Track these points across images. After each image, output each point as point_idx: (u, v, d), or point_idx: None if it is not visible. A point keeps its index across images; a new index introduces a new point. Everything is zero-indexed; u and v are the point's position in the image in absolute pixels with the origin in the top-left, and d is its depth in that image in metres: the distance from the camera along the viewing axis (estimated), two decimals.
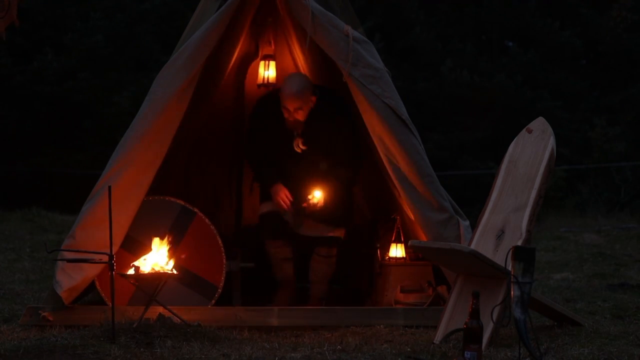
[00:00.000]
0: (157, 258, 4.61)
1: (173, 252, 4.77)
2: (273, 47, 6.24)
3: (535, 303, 4.52)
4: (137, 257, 4.66)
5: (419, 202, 4.84)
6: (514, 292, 3.75)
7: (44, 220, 11.37)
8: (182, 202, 5.05)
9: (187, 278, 4.88)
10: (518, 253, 3.77)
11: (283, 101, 5.29)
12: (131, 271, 4.42)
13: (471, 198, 14.38)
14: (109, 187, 4.22)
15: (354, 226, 5.72)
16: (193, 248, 4.94)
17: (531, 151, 4.42)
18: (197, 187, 6.54)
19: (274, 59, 6.27)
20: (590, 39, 20.47)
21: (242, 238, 6.61)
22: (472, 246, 4.30)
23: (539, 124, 4.51)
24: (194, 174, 6.52)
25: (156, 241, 4.69)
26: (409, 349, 3.94)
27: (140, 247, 4.83)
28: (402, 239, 5.31)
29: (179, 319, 4.37)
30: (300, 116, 5.29)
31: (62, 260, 4.59)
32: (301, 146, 5.39)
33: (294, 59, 6.26)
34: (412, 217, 4.97)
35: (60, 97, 16.50)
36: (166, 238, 4.76)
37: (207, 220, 5.05)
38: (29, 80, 16.26)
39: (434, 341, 4.15)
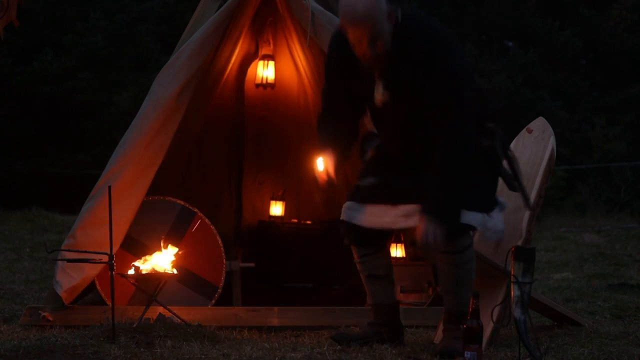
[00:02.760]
0: (159, 259, 4.61)
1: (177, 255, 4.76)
2: (272, 46, 6.23)
3: (535, 303, 4.52)
4: (137, 257, 4.66)
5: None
6: (514, 292, 3.74)
7: (44, 220, 11.37)
8: (182, 202, 5.05)
9: (188, 278, 4.88)
10: (518, 253, 3.77)
11: (343, 28, 3.69)
12: (131, 271, 4.42)
13: None
14: (109, 187, 4.21)
15: None
16: (193, 248, 4.93)
17: (531, 151, 4.41)
18: (197, 187, 6.54)
19: (273, 59, 6.27)
20: (590, 39, 20.48)
21: (242, 238, 6.62)
22: None
23: (539, 124, 4.50)
24: (194, 173, 6.52)
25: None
26: (409, 349, 3.94)
27: (140, 247, 4.83)
28: (402, 239, 5.30)
29: (179, 319, 4.37)
30: (381, 46, 3.61)
31: (62, 260, 4.59)
32: (382, 92, 3.75)
33: (293, 59, 6.26)
34: None
35: (60, 97, 16.50)
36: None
37: (207, 220, 5.05)
38: (29, 80, 16.27)
39: (434, 341, 4.15)
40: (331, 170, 3.88)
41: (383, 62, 3.67)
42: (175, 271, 4.55)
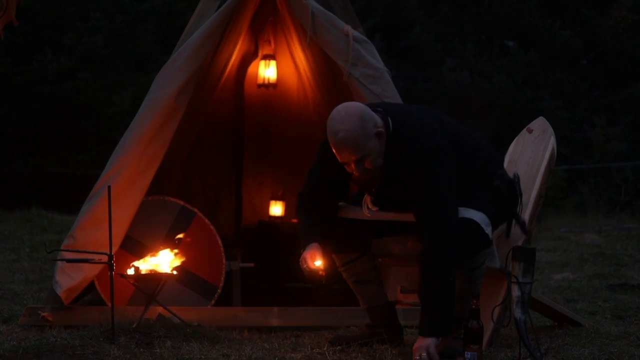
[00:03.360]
0: (160, 260, 4.60)
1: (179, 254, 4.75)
2: (273, 46, 6.23)
3: (535, 303, 4.51)
4: (137, 257, 4.65)
5: None
6: (515, 292, 3.74)
7: (44, 220, 11.35)
8: (182, 202, 5.04)
9: (187, 278, 4.88)
10: (518, 253, 3.77)
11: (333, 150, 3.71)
12: (131, 271, 4.42)
13: None
14: (109, 187, 4.21)
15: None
16: (193, 248, 4.93)
17: (531, 151, 4.41)
18: (197, 187, 6.54)
19: (274, 59, 6.27)
20: (590, 39, 20.47)
21: (242, 238, 6.61)
22: None
23: (540, 124, 4.49)
24: (194, 174, 6.52)
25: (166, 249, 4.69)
26: (408, 349, 3.94)
27: (140, 247, 4.82)
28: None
29: (178, 319, 4.36)
30: (369, 165, 3.66)
31: (61, 260, 4.58)
32: (370, 206, 3.87)
33: (294, 59, 6.25)
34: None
35: (60, 97, 16.50)
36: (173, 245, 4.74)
37: (207, 220, 5.05)
38: (28, 80, 16.26)
39: None
40: (321, 267, 3.85)
41: (374, 178, 3.73)
42: (175, 271, 4.55)
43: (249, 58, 6.31)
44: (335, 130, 3.61)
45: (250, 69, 6.45)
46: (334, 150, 3.67)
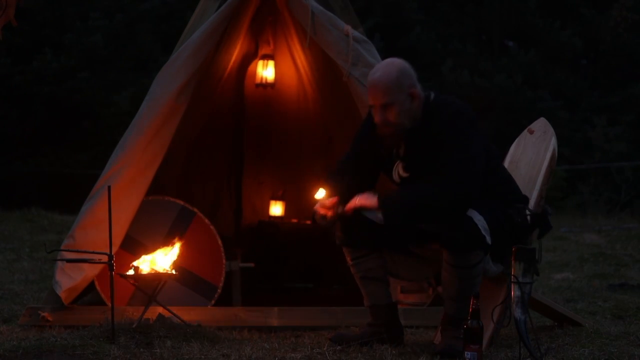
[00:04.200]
0: (159, 259, 4.60)
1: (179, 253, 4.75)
2: (272, 46, 6.23)
3: (535, 303, 4.51)
4: (137, 257, 4.65)
5: None
6: (515, 292, 3.74)
7: (44, 220, 11.35)
8: (182, 202, 5.04)
9: (187, 278, 4.88)
10: (518, 253, 3.76)
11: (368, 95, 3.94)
12: (131, 271, 4.41)
13: None
14: (109, 187, 4.21)
15: None
16: (193, 248, 4.92)
17: (532, 152, 4.40)
18: (197, 186, 6.54)
19: (272, 59, 6.26)
20: (590, 38, 20.47)
21: (242, 238, 6.61)
22: None
23: (541, 125, 4.49)
24: (194, 174, 6.52)
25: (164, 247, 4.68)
26: (409, 349, 3.94)
27: (140, 247, 4.82)
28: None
29: (178, 319, 4.36)
30: (391, 117, 3.80)
31: (61, 260, 4.58)
32: (401, 173, 3.95)
33: (293, 59, 6.25)
34: None
35: (60, 97, 16.48)
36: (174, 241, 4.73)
37: (207, 220, 5.04)
38: (28, 80, 16.25)
39: (434, 341, 4.14)
40: (327, 204, 3.94)
41: (402, 139, 3.86)
42: (174, 271, 4.55)
43: (249, 58, 6.31)
44: (374, 71, 3.89)
45: (251, 69, 6.45)
46: (368, 90, 3.86)
